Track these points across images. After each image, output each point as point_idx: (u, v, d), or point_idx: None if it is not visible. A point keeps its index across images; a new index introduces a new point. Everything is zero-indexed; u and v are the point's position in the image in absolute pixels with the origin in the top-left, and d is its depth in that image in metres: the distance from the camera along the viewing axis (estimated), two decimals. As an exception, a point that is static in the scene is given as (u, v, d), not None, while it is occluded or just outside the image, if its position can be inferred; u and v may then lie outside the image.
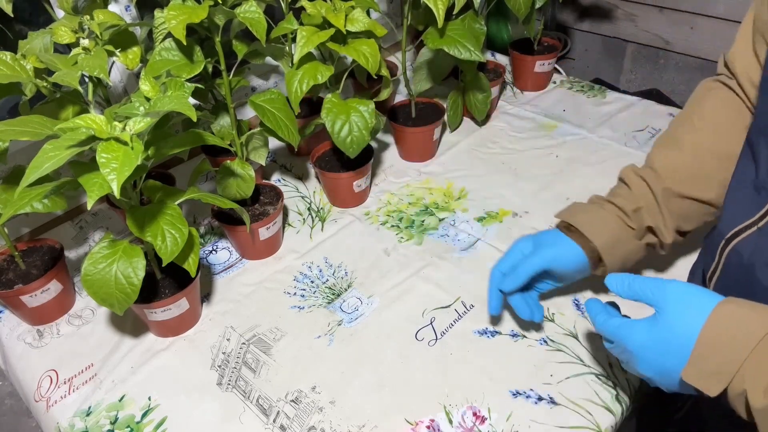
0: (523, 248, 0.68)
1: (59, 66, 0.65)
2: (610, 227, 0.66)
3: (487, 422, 0.64)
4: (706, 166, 0.64)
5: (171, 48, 0.74)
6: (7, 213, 0.59)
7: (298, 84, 0.77)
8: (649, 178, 0.66)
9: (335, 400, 0.68)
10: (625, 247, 0.66)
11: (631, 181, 0.68)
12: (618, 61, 1.68)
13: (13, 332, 0.81)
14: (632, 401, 0.66)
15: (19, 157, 0.89)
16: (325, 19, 0.77)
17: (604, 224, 0.66)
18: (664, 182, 0.65)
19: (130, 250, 0.63)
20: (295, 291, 0.83)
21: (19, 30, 0.94)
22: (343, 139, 0.80)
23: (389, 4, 1.36)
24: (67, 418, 0.69)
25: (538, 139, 1.10)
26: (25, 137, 0.57)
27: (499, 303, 0.69)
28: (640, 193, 0.67)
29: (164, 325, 0.76)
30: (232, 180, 0.81)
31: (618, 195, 0.68)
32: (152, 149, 0.62)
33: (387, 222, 0.93)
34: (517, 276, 0.65)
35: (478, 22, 0.96)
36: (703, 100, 0.67)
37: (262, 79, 1.21)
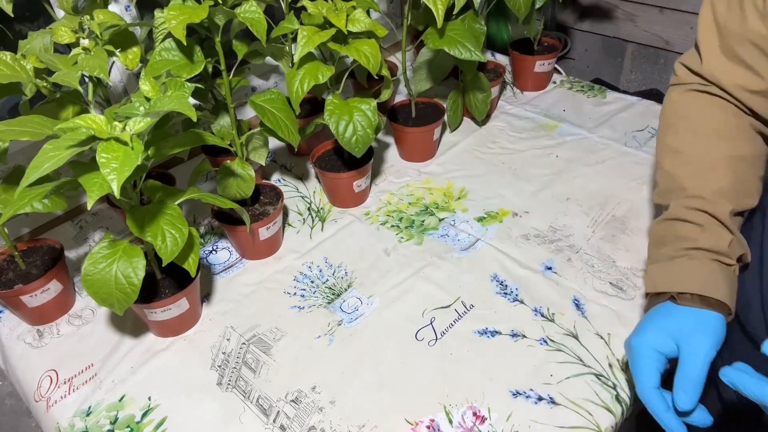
0: (659, 348, 0.57)
1: (59, 66, 0.65)
2: (721, 276, 0.59)
3: (487, 422, 0.64)
4: (743, 175, 0.63)
5: (171, 48, 0.74)
6: (7, 213, 0.59)
7: (299, 84, 0.77)
8: (710, 209, 0.61)
9: (335, 400, 0.68)
10: (734, 288, 0.60)
11: (695, 218, 0.62)
12: (618, 61, 1.68)
13: (13, 332, 0.81)
14: (633, 402, 0.66)
15: (19, 157, 0.89)
16: (325, 19, 0.77)
17: (715, 275, 0.59)
18: (724, 206, 0.61)
19: (130, 250, 0.63)
20: (295, 291, 0.83)
21: (19, 30, 0.94)
22: (349, 139, 0.80)
23: (389, 4, 1.36)
24: (67, 418, 0.69)
25: (538, 139, 1.10)
26: (25, 137, 0.57)
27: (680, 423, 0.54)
28: (713, 226, 0.61)
29: (164, 325, 0.76)
30: (232, 180, 0.81)
31: (695, 238, 0.61)
32: (152, 149, 0.62)
33: (387, 222, 0.94)
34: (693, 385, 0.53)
35: (478, 22, 0.96)
36: (700, 112, 0.66)
37: (262, 79, 1.21)
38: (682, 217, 0.63)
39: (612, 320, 0.74)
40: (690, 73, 0.67)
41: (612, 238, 0.86)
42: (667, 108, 0.70)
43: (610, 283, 0.79)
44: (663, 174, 0.68)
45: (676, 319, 0.58)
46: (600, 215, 0.91)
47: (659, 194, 0.68)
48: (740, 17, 0.59)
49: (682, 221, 0.63)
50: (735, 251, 0.61)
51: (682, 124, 0.67)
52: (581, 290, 0.79)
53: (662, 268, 0.62)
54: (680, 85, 0.69)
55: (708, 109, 0.65)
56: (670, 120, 0.69)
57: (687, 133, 0.66)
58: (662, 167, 0.68)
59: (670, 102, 0.70)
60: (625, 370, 0.68)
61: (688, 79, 0.67)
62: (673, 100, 0.69)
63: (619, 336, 0.72)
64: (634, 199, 0.93)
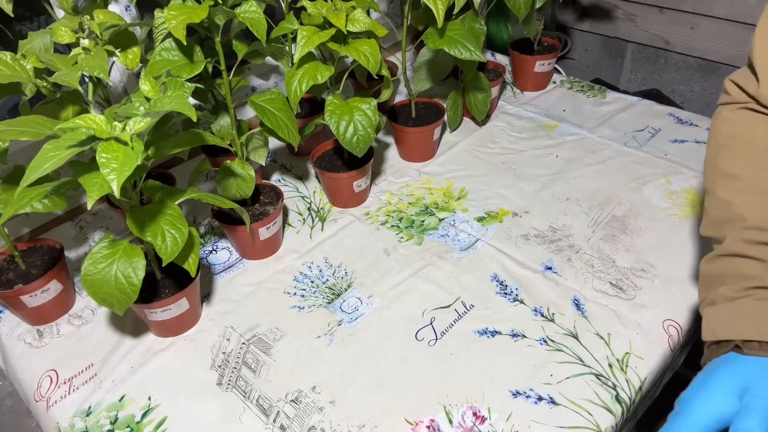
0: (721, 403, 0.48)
1: (59, 66, 0.65)
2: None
3: (487, 422, 0.64)
4: None
5: (171, 48, 0.74)
6: (7, 213, 0.59)
7: (297, 84, 0.77)
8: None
9: (335, 400, 0.68)
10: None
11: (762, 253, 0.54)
12: (618, 61, 1.68)
13: (13, 332, 0.81)
14: (633, 403, 0.66)
15: (19, 157, 0.89)
16: (325, 19, 0.77)
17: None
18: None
19: (130, 250, 0.63)
20: (295, 291, 0.83)
21: (19, 30, 0.94)
22: (350, 139, 0.80)
23: (389, 4, 1.36)
24: (67, 418, 0.69)
25: (538, 139, 1.10)
26: (25, 137, 0.57)
27: None
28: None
29: (164, 325, 0.76)
30: (232, 180, 0.81)
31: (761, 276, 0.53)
32: (152, 149, 0.62)
33: (387, 222, 0.94)
34: None
35: (478, 22, 0.96)
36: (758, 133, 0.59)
37: (262, 79, 1.21)
38: (742, 253, 0.54)
39: (612, 320, 0.74)
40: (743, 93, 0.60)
41: (612, 238, 0.86)
42: (720, 128, 0.62)
43: (610, 283, 0.79)
44: (716, 202, 0.59)
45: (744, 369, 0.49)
46: (600, 215, 0.91)
47: (711, 225, 0.59)
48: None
49: (742, 257, 0.55)
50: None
51: (739, 146, 0.59)
52: (581, 290, 0.79)
53: (722, 311, 0.54)
54: (732, 104, 0.62)
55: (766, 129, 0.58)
56: (723, 141, 0.61)
57: (746, 156, 0.58)
58: (715, 194, 0.59)
59: (722, 121, 0.62)
60: (624, 370, 0.68)
61: (742, 98, 0.60)
62: (726, 120, 0.61)
63: (619, 336, 0.72)
64: (634, 199, 0.93)
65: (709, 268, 0.58)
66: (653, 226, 0.88)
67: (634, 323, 0.73)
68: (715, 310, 0.54)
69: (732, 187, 0.58)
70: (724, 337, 0.52)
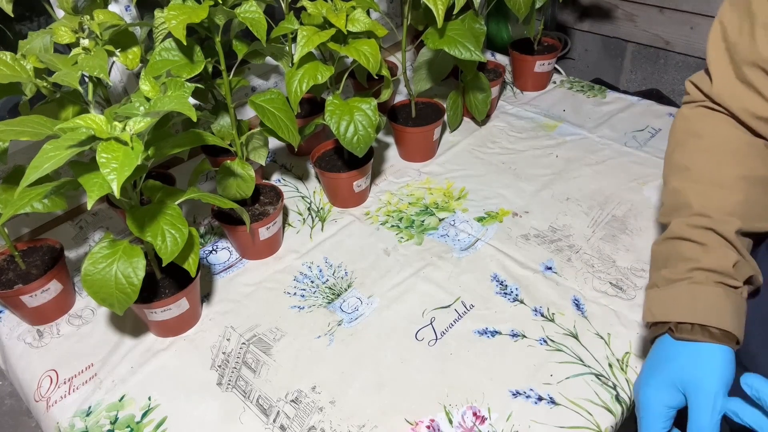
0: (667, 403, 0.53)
1: (59, 66, 0.65)
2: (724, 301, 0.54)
3: (487, 422, 0.64)
4: (756, 196, 0.59)
5: (171, 48, 0.74)
6: (7, 213, 0.59)
7: (297, 84, 0.77)
8: (716, 227, 0.57)
9: (335, 400, 0.68)
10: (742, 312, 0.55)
11: (699, 236, 0.57)
12: (618, 61, 1.68)
13: (13, 332, 0.81)
14: (633, 403, 0.66)
15: (19, 157, 0.89)
16: (325, 19, 0.77)
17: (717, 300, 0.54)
18: (731, 224, 0.57)
19: (130, 250, 0.63)
20: (295, 291, 0.83)
21: (19, 30, 0.94)
22: (350, 139, 0.80)
23: (389, 4, 1.36)
24: (67, 418, 0.69)
25: (538, 139, 1.10)
26: (25, 137, 0.57)
27: None
28: (720, 246, 0.56)
29: (164, 325, 0.76)
30: (232, 180, 0.81)
31: (697, 259, 0.56)
32: (152, 149, 0.62)
33: (387, 222, 0.94)
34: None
35: (478, 22, 0.96)
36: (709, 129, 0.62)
37: (262, 79, 1.21)
38: (684, 236, 0.58)
39: (612, 320, 0.74)
40: (699, 92, 0.64)
41: (612, 238, 0.86)
42: (678, 125, 0.66)
43: (610, 283, 0.79)
44: (669, 191, 0.63)
45: (677, 363, 0.53)
46: (600, 215, 0.91)
47: (664, 213, 0.63)
48: (750, 42, 0.56)
49: (684, 240, 0.58)
50: (742, 272, 0.56)
51: (692, 141, 0.63)
52: (581, 290, 0.79)
53: (660, 293, 0.57)
54: (691, 102, 0.66)
55: (721, 127, 0.62)
56: (679, 137, 0.65)
57: (698, 150, 0.62)
58: (669, 185, 0.64)
59: (681, 118, 0.66)
60: (624, 370, 0.68)
61: (699, 97, 0.65)
62: (685, 117, 0.66)
63: (619, 336, 0.72)
64: (634, 199, 0.93)
65: (657, 251, 0.62)
66: (653, 226, 0.88)
67: (635, 323, 0.73)
68: (656, 292, 0.58)
69: (682, 177, 0.62)
70: (660, 318, 0.56)
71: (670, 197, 0.63)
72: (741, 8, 0.58)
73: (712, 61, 0.61)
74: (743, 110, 0.59)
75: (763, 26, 0.55)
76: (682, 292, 0.56)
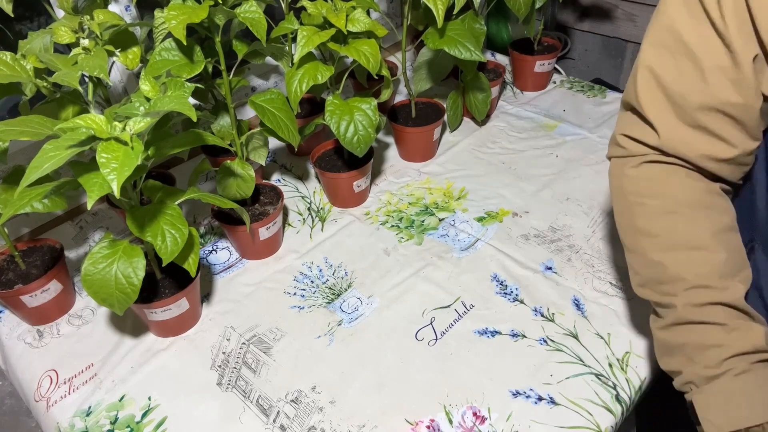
0: None
1: (59, 66, 0.65)
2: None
3: (487, 422, 0.64)
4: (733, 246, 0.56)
5: (171, 48, 0.74)
6: (7, 213, 0.59)
7: (297, 84, 0.77)
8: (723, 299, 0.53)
9: (335, 400, 0.68)
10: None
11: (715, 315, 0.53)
12: (618, 61, 1.68)
13: (13, 332, 0.81)
14: (633, 402, 0.66)
15: (19, 157, 0.89)
16: (325, 19, 0.77)
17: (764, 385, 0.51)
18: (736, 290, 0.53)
19: (130, 250, 0.63)
20: (295, 291, 0.83)
21: (19, 30, 0.94)
22: (350, 139, 0.80)
23: (389, 4, 1.36)
24: (67, 418, 0.69)
25: (538, 139, 1.10)
26: (25, 137, 0.57)
27: None
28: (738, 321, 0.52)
29: (164, 325, 0.76)
30: (232, 180, 0.81)
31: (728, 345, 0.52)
32: (152, 149, 0.62)
33: (387, 222, 0.93)
34: None
35: (478, 22, 0.96)
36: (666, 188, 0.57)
37: (262, 79, 1.21)
38: (696, 319, 0.53)
39: (612, 320, 0.74)
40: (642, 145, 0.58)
41: (612, 238, 0.86)
42: (626, 187, 0.59)
43: (610, 283, 0.79)
44: (644, 262, 0.58)
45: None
46: (600, 215, 0.91)
47: (646, 285, 0.58)
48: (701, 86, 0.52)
49: (698, 324, 0.53)
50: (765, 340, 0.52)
51: (652, 203, 0.57)
52: (581, 290, 0.79)
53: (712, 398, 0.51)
54: (630, 157, 0.59)
55: (677, 182, 0.57)
56: (633, 199, 0.59)
57: (662, 212, 0.57)
58: (639, 253, 0.58)
59: (626, 179, 0.59)
60: (624, 370, 0.68)
61: (640, 151, 0.58)
62: (631, 177, 0.59)
63: (619, 336, 0.72)
64: (634, 199, 0.93)
65: (667, 337, 0.56)
66: (653, 226, 0.88)
67: (635, 323, 0.73)
68: (704, 398, 0.52)
69: (658, 246, 0.56)
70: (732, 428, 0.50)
71: (650, 269, 0.57)
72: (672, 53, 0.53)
73: (651, 112, 0.56)
74: (700, 156, 0.55)
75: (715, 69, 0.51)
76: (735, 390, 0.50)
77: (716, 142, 0.54)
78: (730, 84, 0.51)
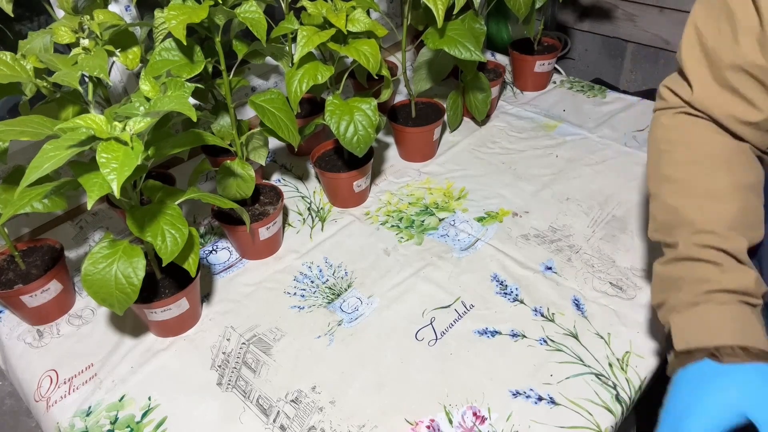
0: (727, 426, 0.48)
1: (59, 66, 0.65)
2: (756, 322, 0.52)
3: (487, 422, 0.64)
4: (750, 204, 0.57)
5: (171, 48, 0.74)
6: (7, 213, 0.59)
7: (297, 84, 0.77)
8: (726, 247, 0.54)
9: (335, 400, 0.68)
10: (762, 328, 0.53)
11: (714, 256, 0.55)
12: (618, 61, 1.68)
13: (13, 332, 0.81)
14: (633, 402, 0.66)
15: (19, 157, 0.89)
16: (325, 19, 0.77)
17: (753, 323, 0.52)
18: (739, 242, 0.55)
19: (130, 250, 0.63)
20: (295, 291, 0.83)
21: (19, 30, 0.94)
22: (350, 139, 0.80)
23: (389, 4, 1.36)
24: (67, 418, 0.69)
25: (538, 139, 1.10)
26: (25, 137, 0.57)
27: None
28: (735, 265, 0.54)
29: (164, 325, 0.76)
30: (232, 180, 0.81)
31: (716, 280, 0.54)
32: (152, 149, 0.62)
33: (387, 222, 0.93)
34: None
35: (478, 22, 0.96)
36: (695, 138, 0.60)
37: (262, 79, 1.21)
38: (694, 257, 0.55)
39: (612, 320, 0.74)
40: (677, 98, 0.62)
41: (612, 238, 0.86)
42: (659, 134, 0.63)
43: (610, 283, 0.79)
44: (662, 206, 0.60)
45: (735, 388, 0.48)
46: (600, 215, 0.91)
47: (659, 229, 0.60)
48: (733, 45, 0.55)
49: (695, 261, 0.55)
50: (760, 289, 0.54)
51: (678, 151, 0.61)
52: (581, 290, 0.79)
53: (688, 319, 0.54)
54: (669, 109, 0.63)
55: (706, 134, 0.60)
56: (663, 147, 0.62)
57: (686, 160, 0.60)
58: (659, 198, 0.61)
59: (660, 127, 0.63)
60: (624, 369, 0.68)
61: (677, 103, 0.62)
62: (665, 126, 0.63)
63: (619, 335, 0.72)
64: (634, 199, 0.93)
65: (665, 271, 0.58)
66: (653, 226, 0.88)
67: (635, 323, 0.73)
68: (681, 318, 0.54)
69: (676, 191, 0.59)
70: (699, 345, 0.51)
71: (665, 213, 0.60)
72: (716, 11, 0.56)
73: (689, 67, 0.59)
74: (727, 116, 0.57)
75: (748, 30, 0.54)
76: (713, 314, 0.52)
77: (743, 104, 0.57)
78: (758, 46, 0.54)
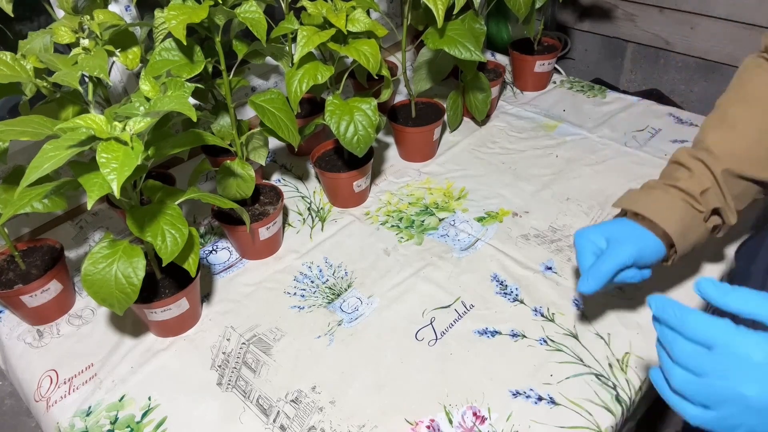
0: (595, 241, 0.64)
1: (59, 66, 0.65)
2: (680, 213, 0.63)
3: (487, 422, 0.64)
4: (763, 146, 0.63)
5: (171, 48, 0.74)
6: (7, 213, 0.59)
7: (297, 84, 0.77)
8: (707, 160, 0.64)
9: (335, 400, 0.68)
10: (696, 232, 0.64)
11: (690, 163, 0.65)
12: (618, 61, 1.68)
13: (13, 332, 0.81)
14: (632, 403, 0.66)
15: (19, 157, 0.89)
16: (325, 19, 0.77)
17: (674, 210, 0.63)
18: (723, 163, 0.63)
19: (130, 250, 0.63)
20: (295, 291, 0.83)
21: (19, 30, 0.94)
22: (350, 139, 0.80)
23: (389, 4, 1.36)
24: (67, 418, 0.69)
25: (538, 139, 1.10)
26: (25, 137, 0.57)
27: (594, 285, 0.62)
28: (702, 175, 0.64)
29: (164, 325, 0.76)
30: (232, 180, 0.81)
31: (679, 178, 0.65)
32: (152, 149, 0.62)
33: (387, 222, 0.94)
34: (600, 276, 0.61)
35: (478, 22, 0.96)
36: (753, 78, 0.67)
37: (262, 79, 1.21)
38: (679, 161, 0.66)
39: (612, 320, 0.74)
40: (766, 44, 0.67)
41: (612, 238, 0.86)
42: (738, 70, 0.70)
43: (610, 283, 0.79)
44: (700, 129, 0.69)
45: (616, 225, 0.65)
46: (600, 215, 0.91)
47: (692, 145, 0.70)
48: None
49: (677, 164, 0.67)
50: (709, 201, 0.63)
51: (735, 84, 0.69)
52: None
53: (635, 193, 0.67)
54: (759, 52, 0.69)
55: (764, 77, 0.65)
56: (733, 82, 0.70)
57: (734, 97, 0.68)
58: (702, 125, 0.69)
59: (742, 65, 0.70)
60: (624, 370, 0.68)
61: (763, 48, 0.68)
62: (744, 64, 0.70)
63: (619, 336, 0.72)
64: (634, 199, 0.93)
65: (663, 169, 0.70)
66: (653, 226, 0.88)
67: (635, 323, 0.73)
68: (633, 192, 0.68)
69: (713, 120, 0.68)
70: (624, 206, 0.66)
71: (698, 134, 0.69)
72: None
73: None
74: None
75: None
76: (651, 195, 0.65)
77: None
78: None
